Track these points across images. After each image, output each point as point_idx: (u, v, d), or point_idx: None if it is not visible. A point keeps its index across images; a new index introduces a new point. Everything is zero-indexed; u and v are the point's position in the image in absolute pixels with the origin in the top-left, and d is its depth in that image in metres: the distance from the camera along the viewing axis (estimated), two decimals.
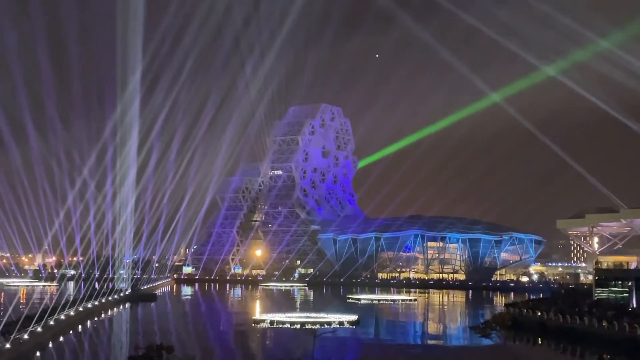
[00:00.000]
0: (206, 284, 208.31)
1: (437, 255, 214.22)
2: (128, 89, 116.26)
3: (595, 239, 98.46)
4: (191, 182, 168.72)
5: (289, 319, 75.07)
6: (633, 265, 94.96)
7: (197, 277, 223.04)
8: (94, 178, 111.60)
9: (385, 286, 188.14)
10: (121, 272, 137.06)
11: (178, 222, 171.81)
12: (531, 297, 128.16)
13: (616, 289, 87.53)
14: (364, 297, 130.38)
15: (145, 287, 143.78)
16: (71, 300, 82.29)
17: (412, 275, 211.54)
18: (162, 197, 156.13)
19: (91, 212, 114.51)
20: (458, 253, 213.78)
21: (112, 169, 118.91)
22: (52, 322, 64.25)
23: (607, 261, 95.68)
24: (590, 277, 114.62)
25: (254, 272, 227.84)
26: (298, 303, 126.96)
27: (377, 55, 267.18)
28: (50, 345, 58.73)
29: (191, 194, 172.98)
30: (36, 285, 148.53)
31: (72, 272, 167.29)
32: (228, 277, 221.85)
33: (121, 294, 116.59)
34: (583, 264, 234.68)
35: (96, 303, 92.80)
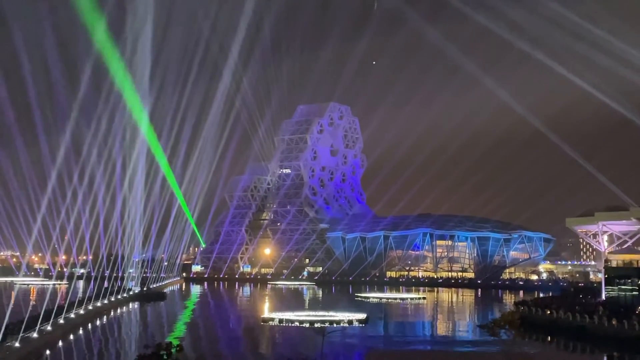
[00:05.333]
0: (215, 282, 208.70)
1: (446, 253, 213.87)
2: (138, 89, 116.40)
3: (605, 237, 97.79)
4: (200, 181, 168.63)
5: (297, 318, 75.11)
6: None
7: (206, 276, 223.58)
8: (103, 176, 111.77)
9: (394, 284, 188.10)
10: (130, 270, 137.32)
11: (186, 220, 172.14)
12: (540, 295, 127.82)
13: (626, 287, 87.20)
14: (373, 296, 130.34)
15: (154, 285, 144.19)
16: (78, 299, 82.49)
17: (420, 273, 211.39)
18: (172, 196, 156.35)
19: (101, 211, 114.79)
20: (467, 251, 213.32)
21: (121, 167, 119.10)
22: (61, 321, 64.55)
23: (617, 259, 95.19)
24: (600, 276, 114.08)
25: (263, 270, 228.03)
26: (307, 301, 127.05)
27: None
28: (60, 343, 58.98)
29: (200, 193, 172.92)
30: (46, 284, 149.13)
31: (82, 270, 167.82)
32: (237, 276, 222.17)
33: (130, 293, 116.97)
34: (592, 263, 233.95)
35: (105, 302, 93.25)
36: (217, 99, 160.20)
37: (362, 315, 76.77)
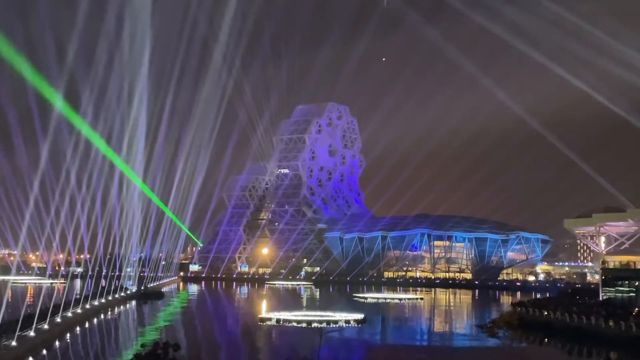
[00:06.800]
0: (213, 282, 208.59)
1: (443, 254, 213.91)
2: (136, 90, 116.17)
3: (602, 239, 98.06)
4: (198, 181, 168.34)
5: (295, 318, 75.00)
6: None
7: (203, 275, 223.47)
8: (101, 175, 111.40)
9: (392, 285, 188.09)
10: (128, 269, 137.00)
11: (185, 220, 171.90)
12: (538, 296, 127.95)
13: (623, 288, 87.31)
14: (371, 296, 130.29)
15: (152, 284, 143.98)
16: (75, 298, 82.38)
17: (418, 274, 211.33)
18: (169, 194, 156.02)
19: (98, 209, 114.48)
20: (465, 252, 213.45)
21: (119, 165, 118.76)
22: (58, 320, 64.42)
23: (614, 261, 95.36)
24: (597, 277, 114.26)
25: (261, 270, 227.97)
26: (304, 301, 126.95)
27: (383, 59, 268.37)
28: (57, 342, 58.84)
29: (198, 192, 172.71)
30: (43, 283, 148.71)
31: (79, 269, 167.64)
32: (235, 275, 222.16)
33: (128, 292, 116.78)
34: (590, 264, 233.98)
35: (103, 300, 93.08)
36: (217, 99, 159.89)
37: (360, 316, 76.69)
